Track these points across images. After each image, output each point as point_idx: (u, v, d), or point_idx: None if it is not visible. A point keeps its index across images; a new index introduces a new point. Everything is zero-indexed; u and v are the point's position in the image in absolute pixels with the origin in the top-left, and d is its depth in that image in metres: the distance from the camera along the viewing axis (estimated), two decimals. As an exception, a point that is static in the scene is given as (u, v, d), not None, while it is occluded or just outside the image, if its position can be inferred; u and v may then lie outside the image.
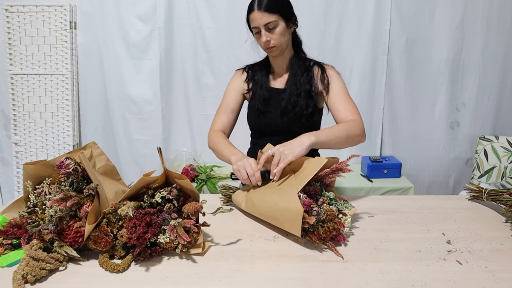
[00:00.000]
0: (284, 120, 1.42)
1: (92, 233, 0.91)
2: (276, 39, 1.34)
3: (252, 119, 1.51)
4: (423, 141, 2.69)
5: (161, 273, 0.88)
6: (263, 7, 1.29)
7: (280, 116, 1.43)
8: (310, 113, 1.43)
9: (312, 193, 1.08)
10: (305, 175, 1.07)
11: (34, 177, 1.08)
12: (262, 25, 1.31)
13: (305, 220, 0.98)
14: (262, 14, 1.29)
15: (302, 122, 1.42)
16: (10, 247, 0.96)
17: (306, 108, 1.41)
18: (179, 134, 2.73)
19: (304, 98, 1.41)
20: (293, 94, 1.41)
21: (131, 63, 2.57)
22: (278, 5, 1.31)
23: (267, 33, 1.32)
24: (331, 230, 0.98)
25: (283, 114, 1.42)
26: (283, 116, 1.42)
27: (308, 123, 1.44)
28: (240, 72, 1.55)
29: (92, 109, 2.68)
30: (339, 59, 2.53)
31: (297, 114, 1.40)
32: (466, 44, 2.54)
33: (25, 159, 2.63)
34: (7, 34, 2.51)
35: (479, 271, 0.88)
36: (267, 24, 1.30)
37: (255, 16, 1.31)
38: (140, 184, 0.99)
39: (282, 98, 1.42)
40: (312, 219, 0.97)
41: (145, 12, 2.48)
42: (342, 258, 0.93)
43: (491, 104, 2.64)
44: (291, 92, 1.41)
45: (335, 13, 2.48)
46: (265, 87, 1.46)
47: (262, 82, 1.47)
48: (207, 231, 1.07)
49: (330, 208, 1.02)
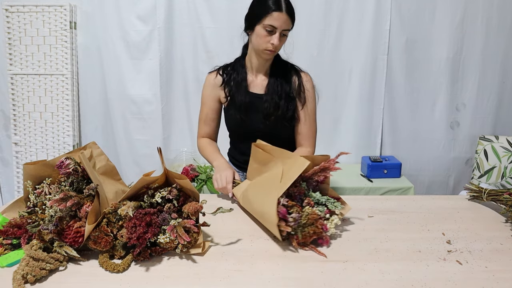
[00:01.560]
0: (267, 124, 1.42)
1: (92, 233, 0.91)
2: (280, 46, 1.35)
3: (233, 125, 1.50)
4: (423, 141, 2.69)
5: (161, 273, 0.88)
6: (290, 13, 1.29)
7: (262, 121, 1.42)
8: (291, 116, 1.43)
9: (296, 194, 1.06)
10: (288, 178, 1.04)
11: (34, 177, 1.08)
12: (282, 29, 1.29)
13: (281, 228, 0.97)
14: (287, 18, 1.29)
15: (284, 125, 1.44)
16: (10, 247, 0.96)
17: (287, 111, 1.42)
18: (179, 134, 2.72)
19: (285, 100, 1.41)
20: (274, 97, 1.40)
21: (131, 63, 2.57)
22: (295, 16, 1.33)
23: (280, 37, 1.31)
24: (311, 234, 0.98)
25: (266, 118, 1.42)
26: (266, 120, 1.42)
27: (290, 126, 1.46)
28: (213, 76, 1.49)
29: (92, 109, 2.67)
30: (339, 59, 2.53)
31: (279, 117, 1.41)
32: (466, 44, 2.54)
33: (25, 159, 2.63)
34: (7, 34, 2.51)
35: (479, 271, 0.88)
36: (285, 30, 1.31)
37: (280, 17, 1.28)
38: (140, 184, 0.99)
39: (264, 102, 1.42)
40: (288, 228, 0.97)
41: (145, 12, 2.48)
42: (325, 256, 0.94)
43: (491, 104, 2.64)
44: (272, 95, 1.41)
45: (335, 13, 2.48)
46: (244, 93, 1.43)
47: (240, 88, 1.43)
48: (207, 231, 1.07)
49: (312, 211, 1.00)
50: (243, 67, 1.46)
